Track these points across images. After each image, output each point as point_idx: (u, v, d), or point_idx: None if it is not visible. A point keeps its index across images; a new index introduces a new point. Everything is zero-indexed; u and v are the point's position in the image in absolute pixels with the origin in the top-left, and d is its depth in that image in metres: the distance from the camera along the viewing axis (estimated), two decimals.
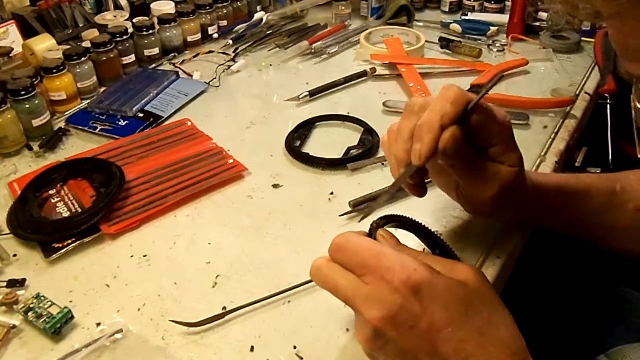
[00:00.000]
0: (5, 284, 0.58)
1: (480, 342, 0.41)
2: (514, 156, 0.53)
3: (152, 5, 1.15)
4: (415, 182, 0.53)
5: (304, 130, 0.85)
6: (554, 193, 0.59)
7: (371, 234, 0.49)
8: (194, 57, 1.09)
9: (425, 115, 0.48)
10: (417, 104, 0.50)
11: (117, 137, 0.84)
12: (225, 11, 1.17)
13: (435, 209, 0.69)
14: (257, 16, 1.18)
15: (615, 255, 0.66)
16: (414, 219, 0.52)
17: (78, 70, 0.92)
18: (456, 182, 0.57)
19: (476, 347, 0.41)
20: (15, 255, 0.63)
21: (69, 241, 0.63)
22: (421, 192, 0.55)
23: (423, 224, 0.52)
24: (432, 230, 0.52)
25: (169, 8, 1.11)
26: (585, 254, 0.87)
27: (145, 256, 0.63)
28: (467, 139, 0.50)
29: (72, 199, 0.70)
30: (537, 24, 1.14)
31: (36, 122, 0.83)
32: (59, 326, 0.53)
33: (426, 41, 1.10)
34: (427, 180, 0.57)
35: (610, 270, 0.82)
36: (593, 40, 1.07)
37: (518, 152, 0.54)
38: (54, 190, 0.71)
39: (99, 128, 0.86)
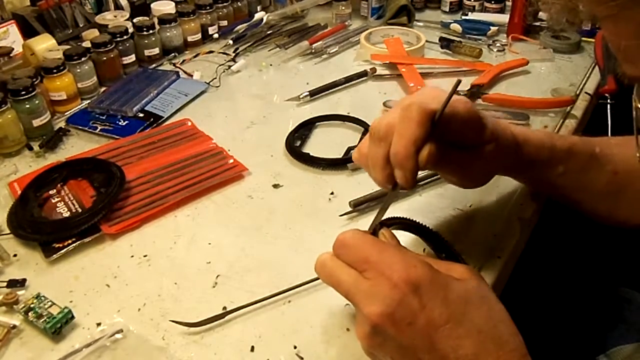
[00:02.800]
0: (5, 283, 0.58)
1: (478, 339, 0.42)
2: (488, 133, 0.54)
3: (152, 5, 1.14)
4: (407, 189, 0.53)
5: (304, 130, 0.85)
6: (536, 149, 0.60)
7: (375, 232, 0.49)
8: (194, 57, 1.09)
9: (396, 144, 0.48)
10: (382, 128, 0.49)
11: (117, 137, 0.84)
12: (226, 11, 1.17)
13: (435, 209, 0.69)
14: (257, 16, 1.18)
15: (616, 255, 0.66)
16: (419, 221, 0.52)
17: (78, 70, 0.92)
18: (442, 174, 0.59)
19: (474, 343, 0.41)
20: (15, 255, 0.63)
21: (69, 241, 0.63)
22: (414, 185, 0.55)
23: (428, 227, 0.52)
24: (436, 232, 0.52)
25: (169, 8, 1.11)
26: (585, 254, 0.87)
27: (145, 256, 0.63)
28: (439, 139, 0.50)
29: (72, 198, 0.70)
30: (537, 23, 1.14)
31: (36, 122, 0.83)
32: (59, 326, 0.53)
33: (426, 41, 1.10)
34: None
35: (610, 270, 0.82)
36: (593, 40, 1.07)
37: (490, 125, 0.54)
38: (54, 190, 0.71)
39: (99, 128, 0.86)
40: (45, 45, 0.94)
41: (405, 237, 0.51)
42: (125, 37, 0.99)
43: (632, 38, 0.36)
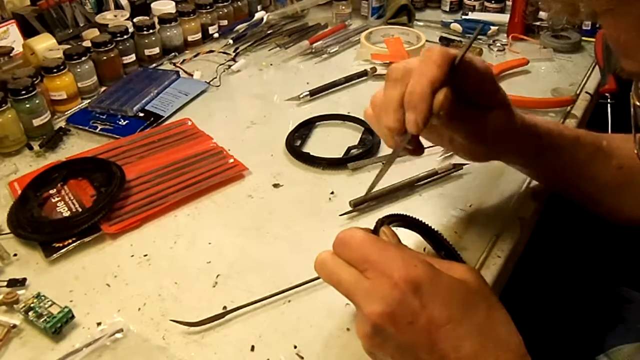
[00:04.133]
0: (5, 283, 0.58)
1: (478, 339, 0.41)
2: (500, 97, 0.55)
3: (152, 5, 1.14)
4: (413, 147, 0.54)
5: (304, 129, 0.85)
6: (544, 134, 0.60)
7: (376, 230, 0.49)
8: (195, 56, 1.09)
9: (414, 82, 0.48)
10: (399, 70, 0.50)
11: (118, 136, 0.84)
12: (226, 10, 1.17)
13: (435, 208, 0.69)
14: (257, 15, 1.18)
15: (616, 255, 0.66)
16: (419, 218, 0.52)
17: (78, 70, 0.92)
18: (449, 135, 0.58)
19: (475, 344, 0.41)
20: (15, 255, 0.63)
21: (69, 240, 0.63)
22: (420, 151, 0.55)
23: (429, 225, 0.52)
24: (437, 230, 0.52)
25: (170, 7, 1.11)
26: (585, 253, 0.87)
27: (145, 255, 0.63)
28: (455, 92, 0.50)
29: (72, 198, 0.70)
30: (538, 23, 1.14)
31: (36, 122, 0.83)
32: (59, 325, 0.53)
33: (426, 40, 1.10)
34: None
35: (610, 270, 0.82)
36: (593, 39, 1.07)
37: (502, 91, 0.55)
38: (54, 190, 0.71)
39: (99, 127, 0.86)
40: (46, 45, 0.94)
41: (405, 235, 0.51)
42: (125, 36, 0.99)
43: (632, 31, 0.36)
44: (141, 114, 0.89)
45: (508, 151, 0.61)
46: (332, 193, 0.72)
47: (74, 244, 0.63)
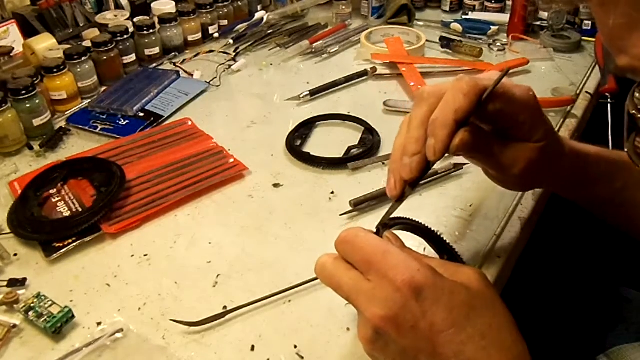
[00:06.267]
0: (5, 283, 0.58)
1: (481, 345, 0.41)
2: (540, 131, 0.51)
3: (152, 5, 1.14)
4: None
5: (304, 129, 0.85)
6: (594, 161, 0.58)
7: (378, 233, 0.49)
8: (195, 56, 1.09)
9: (439, 109, 0.48)
10: (427, 91, 0.50)
11: (118, 136, 0.84)
12: (226, 10, 1.17)
13: (435, 208, 0.69)
14: (257, 15, 1.18)
15: (616, 255, 0.66)
16: (422, 223, 0.52)
17: (78, 70, 0.92)
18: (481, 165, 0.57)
19: (477, 349, 0.41)
20: (15, 255, 0.63)
21: (70, 240, 0.63)
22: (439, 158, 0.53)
23: (431, 228, 0.52)
24: (439, 234, 0.52)
25: (170, 7, 1.11)
26: (585, 253, 0.87)
27: (145, 255, 0.63)
28: (488, 122, 0.50)
29: (72, 198, 0.70)
30: (538, 23, 1.14)
31: (37, 122, 0.83)
32: (59, 325, 0.53)
33: (427, 40, 1.10)
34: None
35: (611, 270, 0.82)
36: (594, 39, 1.07)
37: (545, 125, 0.52)
38: (55, 190, 0.71)
39: (100, 127, 0.86)
40: (46, 45, 0.94)
41: (405, 235, 0.51)
42: (125, 36, 0.99)
43: (619, 18, 0.36)
44: (141, 114, 0.89)
45: (548, 184, 0.58)
46: (332, 193, 0.72)
47: (74, 244, 0.63)
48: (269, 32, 1.16)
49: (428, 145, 0.48)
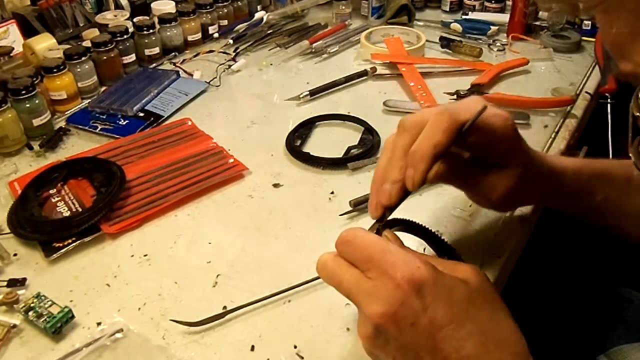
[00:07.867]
0: (5, 283, 0.58)
1: (481, 341, 0.41)
2: (518, 159, 0.54)
3: (152, 5, 1.14)
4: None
5: (304, 129, 0.85)
6: (573, 178, 0.59)
7: (378, 232, 0.49)
8: (195, 56, 1.09)
9: (419, 142, 0.49)
10: (408, 123, 0.51)
11: (118, 136, 0.84)
12: (226, 10, 1.17)
13: (435, 208, 0.69)
14: (257, 15, 1.18)
15: (616, 255, 0.66)
16: (421, 223, 0.52)
17: (78, 70, 0.92)
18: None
19: (477, 345, 0.41)
20: (15, 255, 0.63)
21: (69, 240, 0.63)
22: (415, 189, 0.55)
23: (430, 229, 0.52)
24: (439, 234, 0.52)
25: (170, 7, 1.11)
26: (585, 253, 0.87)
27: (145, 255, 0.63)
28: (467, 150, 0.53)
29: (72, 198, 0.70)
30: (538, 23, 1.14)
31: (36, 122, 0.83)
32: (59, 325, 0.53)
33: (426, 40, 1.10)
34: None
35: (611, 270, 0.82)
36: (593, 39, 1.07)
37: (524, 152, 0.54)
38: (55, 190, 0.71)
39: (100, 127, 0.86)
40: (46, 45, 0.94)
41: (405, 235, 0.51)
42: (125, 36, 0.99)
43: (622, 27, 0.36)
44: (141, 114, 0.89)
45: (529, 202, 0.62)
46: (332, 193, 0.72)
47: (74, 244, 0.63)
48: (268, 32, 1.16)
49: (407, 175, 0.50)
